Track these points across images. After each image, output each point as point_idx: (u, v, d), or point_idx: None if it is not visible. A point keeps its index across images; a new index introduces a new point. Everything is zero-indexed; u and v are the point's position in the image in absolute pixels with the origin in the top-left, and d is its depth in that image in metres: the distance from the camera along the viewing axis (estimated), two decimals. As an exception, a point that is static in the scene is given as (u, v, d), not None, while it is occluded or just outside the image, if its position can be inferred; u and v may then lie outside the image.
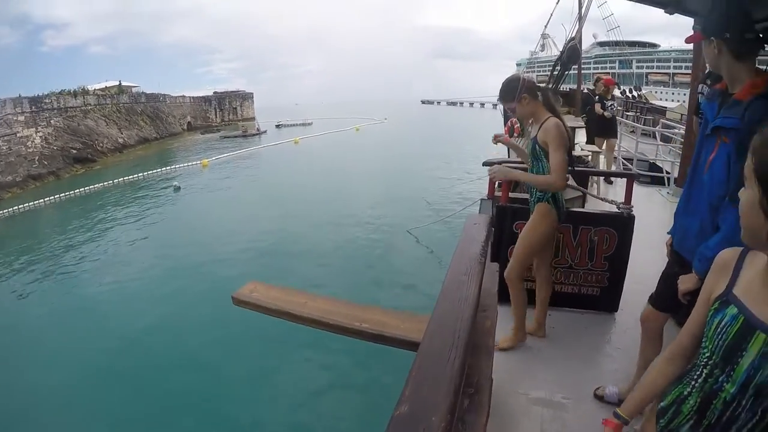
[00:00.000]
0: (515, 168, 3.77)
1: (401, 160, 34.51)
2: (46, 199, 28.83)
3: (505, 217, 4.37)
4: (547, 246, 3.88)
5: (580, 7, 12.87)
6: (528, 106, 3.58)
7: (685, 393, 1.36)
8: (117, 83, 62.05)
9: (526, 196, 4.24)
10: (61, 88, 47.92)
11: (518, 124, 13.57)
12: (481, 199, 5.00)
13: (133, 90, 63.59)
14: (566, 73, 9.86)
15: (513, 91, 3.57)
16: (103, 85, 59.44)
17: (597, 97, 11.08)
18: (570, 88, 22.35)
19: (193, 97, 78.78)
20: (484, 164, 4.85)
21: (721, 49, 2.20)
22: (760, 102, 2.12)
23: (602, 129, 11.17)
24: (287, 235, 17.29)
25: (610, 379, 3.34)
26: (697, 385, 1.32)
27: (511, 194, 4.62)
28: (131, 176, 34.07)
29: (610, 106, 11.06)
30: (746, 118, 2.13)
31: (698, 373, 1.33)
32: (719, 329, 1.25)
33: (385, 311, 4.76)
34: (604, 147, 11.19)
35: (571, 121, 14.76)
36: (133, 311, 12.29)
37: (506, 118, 16.37)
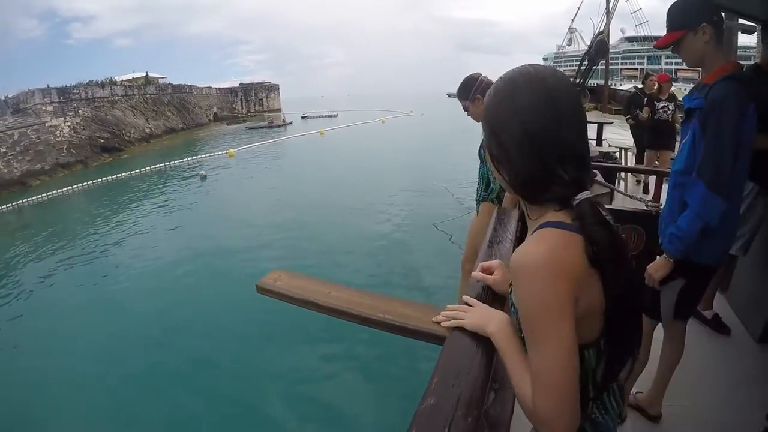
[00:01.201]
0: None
1: (427, 152, 34.22)
2: (74, 187, 29.29)
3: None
4: None
5: (608, 1, 12.71)
6: (481, 107, 3.45)
7: None
8: (144, 74, 62.58)
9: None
10: (89, 79, 48.69)
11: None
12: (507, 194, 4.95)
13: (160, 81, 64.08)
14: (594, 68, 9.73)
15: (468, 90, 3.62)
16: (130, 77, 60.00)
17: (646, 98, 9.25)
18: (597, 84, 22.21)
19: (219, 89, 79.26)
20: None
21: (708, 33, 2.23)
22: (724, 82, 2.18)
23: (655, 138, 9.15)
24: (312, 225, 17.29)
25: (631, 379, 3.29)
26: None
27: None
28: (158, 165, 34.39)
29: (663, 108, 8.92)
30: (709, 97, 2.20)
31: None
32: None
33: (409, 303, 4.75)
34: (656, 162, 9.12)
35: (597, 117, 14.63)
36: (156, 296, 12.47)
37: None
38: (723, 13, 2.36)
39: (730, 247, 2.51)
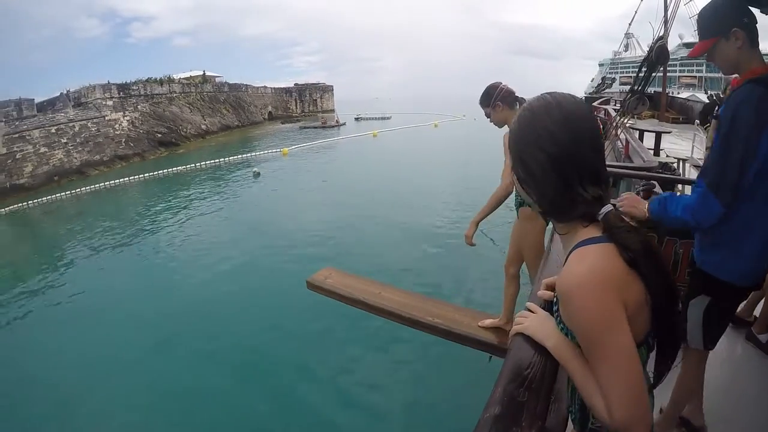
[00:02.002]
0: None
1: (478, 157, 33.98)
2: (131, 178, 30.30)
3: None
4: (540, 250, 3.93)
5: (666, 6, 12.32)
6: (501, 113, 3.79)
7: None
8: (201, 73, 63.59)
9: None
10: (148, 76, 49.87)
11: (600, 127, 13.28)
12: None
13: (217, 80, 65.12)
14: (653, 74, 9.47)
15: (489, 98, 3.82)
16: (187, 75, 61.09)
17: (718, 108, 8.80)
18: (655, 91, 21.66)
19: (274, 88, 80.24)
20: None
21: (741, 38, 2.12)
22: (747, 86, 2.07)
23: None
24: (361, 225, 17.38)
25: (677, 409, 3.17)
26: None
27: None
28: (213, 161, 35.13)
29: None
30: (729, 101, 2.12)
31: None
32: None
33: (457, 308, 4.74)
34: None
35: (655, 125, 14.28)
36: (206, 284, 12.77)
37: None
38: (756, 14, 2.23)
39: (764, 267, 2.37)
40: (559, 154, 1.15)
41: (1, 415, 8.29)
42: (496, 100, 3.80)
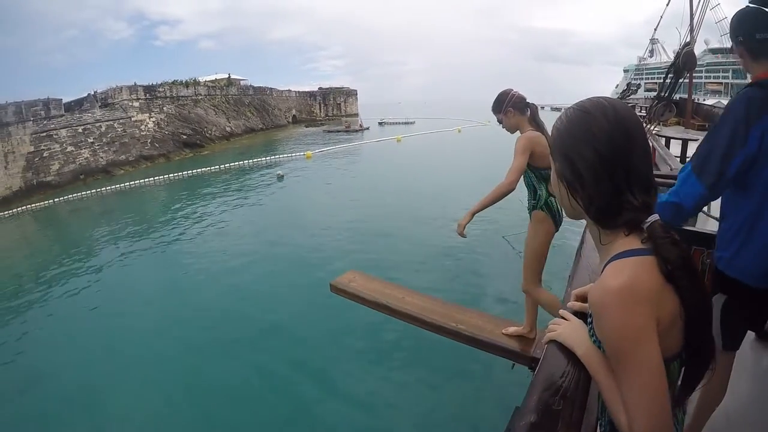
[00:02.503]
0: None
1: (502, 164, 33.90)
2: (156, 178, 30.77)
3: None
4: (541, 254, 4.03)
5: (692, 12, 12.10)
6: (513, 118, 3.99)
7: None
8: (226, 76, 64.30)
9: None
10: (174, 78, 50.41)
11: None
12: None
13: (242, 83, 65.77)
14: (680, 81, 9.34)
15: (501, 104, 4.01)
16: (213, 77, 61.95)
17: None
18: (680, 98, 21.38)
19: (298, 92, 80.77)
20: None
21: (739, 52, 2.27)
22: (747, 88, 2.20)
23: None
24: (382, 229, 17.27)
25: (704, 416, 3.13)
26: None
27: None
28: (237, 162, 35.33)
29: None
30: (730, 103, 2.23)
31: None
32: None
33: (481, 314, 4.72)
34: None
35: (681, 132, 14.11)
36: (228, 287, 12.71)
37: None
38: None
39: None
40: (612, 156, 1.14)
41: (10, 410, 8.32)
42: (508, 106, 3.96)
